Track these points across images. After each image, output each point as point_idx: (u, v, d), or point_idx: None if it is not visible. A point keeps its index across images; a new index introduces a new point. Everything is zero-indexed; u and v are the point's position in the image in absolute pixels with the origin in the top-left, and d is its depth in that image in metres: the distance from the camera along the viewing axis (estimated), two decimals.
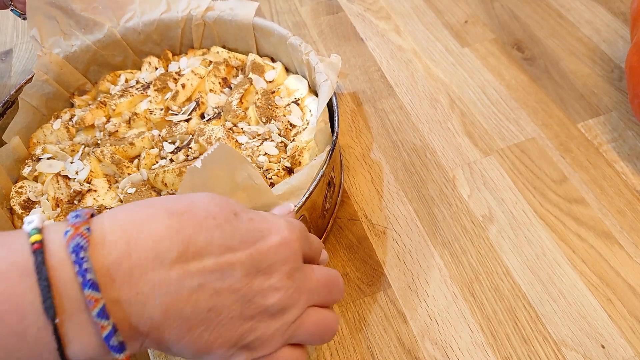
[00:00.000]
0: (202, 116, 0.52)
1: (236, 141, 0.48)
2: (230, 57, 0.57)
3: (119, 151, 0.49)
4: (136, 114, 0.53)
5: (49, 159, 0.51)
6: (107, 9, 0.57)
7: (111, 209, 0.27)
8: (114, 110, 0.53)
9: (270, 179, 0.45)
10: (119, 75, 0.58)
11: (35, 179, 0.50)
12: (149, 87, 0.55)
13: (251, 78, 0.53)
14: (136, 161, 0.50)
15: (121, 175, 0.48)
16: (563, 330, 0.41)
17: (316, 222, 0.45)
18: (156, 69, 0.58)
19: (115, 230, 0.25)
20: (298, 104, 0.51)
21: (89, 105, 0.56)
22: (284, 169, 0.46)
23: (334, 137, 0.44)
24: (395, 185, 0.52)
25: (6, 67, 0.72)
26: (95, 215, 0.26)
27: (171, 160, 0.48)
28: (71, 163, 0.50)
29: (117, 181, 0.49)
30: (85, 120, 0.53)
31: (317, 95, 0.50)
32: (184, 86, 0.53)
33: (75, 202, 0.47)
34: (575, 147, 0.52)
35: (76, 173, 0.48)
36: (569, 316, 0.41)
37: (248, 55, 0.56)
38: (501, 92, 0.58)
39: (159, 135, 0.51)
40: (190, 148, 0.49)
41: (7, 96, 0.53)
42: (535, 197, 0.49)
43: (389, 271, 0.46)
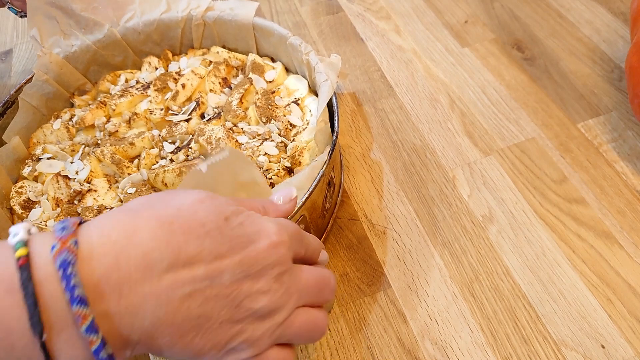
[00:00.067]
0: (202, 116, 0.52)
1: (236, 141, 0.48)
2: (230, 57, 0.57)
3: (119, 151, 0.49)
4: (136, 114, 0.53)
5: (49, 159, 0.51)
6: (107, 9, 0.57)
7: (101, 215, 0.27)
8: (114, 110, 0.53)
9: (270, 179, 0.45)
10: (119, 75, 0.58)
11: (35, 179, 0.50)
12: (149, 87, 0.55)
13: (251, 78, 0.53)
14: (136, 161, 0.50)
15: (121, 175, 0.48)
16: (563, 330, 0.41)
17: (316, 222, 0.45)
18: (156, 69, 0.58)
19: (103, 243, 0.25)
20: (298, 104, 0.51)
21: (89, 105, 0.56)
22: (284, 169, 0.46)
23: (334, 137, 0.44)
24: (395, 185, 0.52)
25: (6, 67, 0.72)
26: (82, 222, 0.26)
27: (171, 160, 0.48)
28: (71, 163, 0.50)
29: (117, 181, 0.49)
30: (85, 120, 0.53)
31: (317, 95, 0.50)
32: (184, 86, 0.53)
33: (75, 202, 0.47)
34: (575, 147, 0.52)
35: (76, 173, 0.48)
36: (569, 316, 0.41)
37: (248, 55, 0.56)
38: (501, 92, 0.58)
39: (159, 135, 0.51)
40: (191, 148, 0.49)
41: (7, 96, 0.53)
42: (535, 197, 0.49)
43: (389, 271, 0.46)
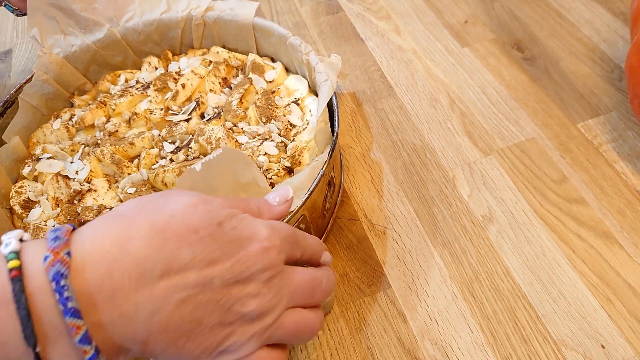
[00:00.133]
0: (202, 116, 0.52)
1: (236, 141, 0.48)
2: (230, 57, 0.57)
3: (119, 151, 0.49)
4: (136, 113, 0.53)
5: (48, 158, 0.51)
6: (107, 9, 0.57)
7: (94, 221, 0.27)
8: (114, 110, 0.53)
9: (270, 179, 0.45)
10: (119, 75, 0.58)
11: (35, 179, 0.50)
12: (149, 87, 0.55)
13: (251, 78, 0.53)
14: (136, 161, 0.50)
15: (121, 175, 0.48)
16: (563, 330, 0.41)
17: (316, 222, 0.45)
18: (156, 69, 0.58)
19: (96, 252, 0.25)
20: (298, 104, 0.51)
21: (89, 105, 0.56)
22: (284, 169, 0.46)
23: (334, 137, 0.44)
24: (395, 185, 0.52)
25: (6, 67, 0.72)
26: (75, 228, 0.26)
27: (171, 160, 0.48)
28: (71, 163, 0.50)
29: (117, 181, 0.49)
30: (85, 120, 0.53)
31: (317, 95, 0.50)
32: (184, 86, 0.53)
33: (75, 201, 0.47)
34: (575, 147, 0.52)
35: (76, 173, 0.48)
36: (569, 316, 0.41)
37: (248, 55, 0.56)
38: (501, 92, 0.58)
39: (159, 135, 0.51)
40: (190, 148, 0.49)
41: (7, 96, 0.53)
42: (535, 197, 0.49)
43: (388, 271, 0.46)
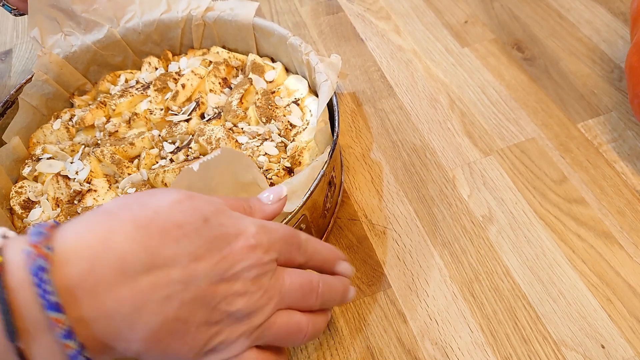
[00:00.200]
0: (202, 116, 0.52)
1: (236, 141, 0.48)
2: (230, 57, 0.57)
3: (119, 151, 0.49)
4: (136, 114, 0.53)
5: (49, 159, 0.51)
6: (108, 10, 0.57)
7: (79, 217, 0.27)
8: (114, 110, 0.53)
9: (270, 179, 0.45)
10: (119, 76, 0.58)
11: (35, 179, 0.50)
12: (149, 87, 0.55)
13: (251, 78, 0.53)
14: (136, 161, 0.50)
15: (121, 175, 0.48)
16: (563, 330, 0.41)
17: (317, 221, 0.45)
18: (156, 69, 0.58)
19: (78, 247, 0.24)
20: (298, 104, 0.52)
21: (89, 105, 0.56)
22: (284, 169, 0.46)
23: (334, 137, 0.44)
24: (395, 185, 0.52)
25: (6, 67, 0.72)
26: (59, 225, 0.26)
27: (171, 160, 0.48)
28: (71, 163, 0.50)
29: (117, 181, 0.49)
30: (85, 120, 0.53)
31: (317, 96, 0.50)
32: (184, 86, 0.53)
33: (75, 202, 0.47)
34: (575, 147, 0.52)
35: (76, 173, 0.48)
36: (569, 316, 0.41)
37: (248, 56, 0.56)
38: (501, 92, 0.58)
39: (159, 135, 0.51)
40: (190, 148, 0.49)
41: (7, 96, 0.53)
42: (535, 197, 0.49)
43: (388, 271, 0.46)
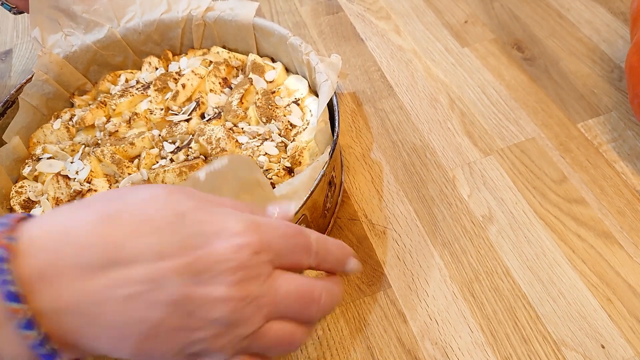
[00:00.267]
0: (202, 116, 0.52)
1: (236, 141, 0.48)
2: (230, 57, 0.57)
3: (119, 151, 0.49)
4: (136, 114, 0.53)
5: (49, 158, 0.51)
6: (108, 10, 0.57)
7: (51, 209, 0.26)
8: (114, 110, 0.53)
9: (270, 179, 0.45)
10: (119, 75, 0.58)
11: (36, 179, 0.50)
12: (149, 87, 0.55)
13: (251, 78, 0.53)
14: (136, 161, 0.50)
15: (121, 175, 0.48)
16: (563, 330, 0.41)
17: (317, 221, 0.45)
18: (156, 69, 0.58)
19: (42, 238, 0.24)
20: (298, 104, 0.52)
21: (89, 105, 0.56)
22: (284, 169, 0.46)
23: (334, 137, 0.44)
24: (395, 185, 0.52)
25: (6, 67, 0.72)
26: (28, 217, 0.25)
27: (171, 160, 0.48)
28: (71, 163, 0.50)
29: (117, 181, 0.49)
30: (86, 120, 0.53)
31: (317, 96, 0.50)
32: (184, 86, 0.53)
33: (76, 201, 0.47)
34: (575, 147, 0.52)
35: (76, 173, 0.48)
36: (569, 316, 0.41)
37: (248, 56, 0.56)
38: (501, 92, 0.58)
39: (159, 135, 0.51)
40: (191, 148, 0.49)
41: (7, 96, 0.53)
42: (535, 197, 0.49)
43: (389, 271, 0.46)
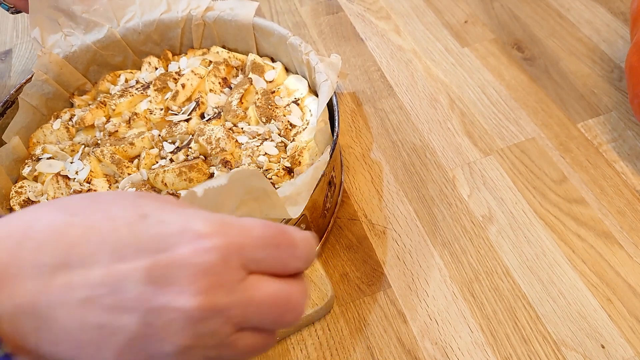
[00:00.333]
0: (202, 116, 0.52)
1: (236, 141, 0.48)
2: (230, 57, 0.57)
3: (119, 151, 0.49)
4: (136, 114, 0.53)
5: (48, 159, 0.51)
6: (108, 10, 0.57)
7: (19, 210, 0.26)
8: (113, 110, 0.53)
9: (270, 179, 0.45)
10: (119, 75, 0.58)
11: (35, 179, 0.50)
12: (149, 87, 0.55)
13: (251, 78, 0.53)
14: (136, 161, 0.50)
15: (121, 175, 0.48)
16: (563, 330, 0.41)
17: (317, 221, 0.45)
18: (156, 69, 0.58)
19: (3, 238, 0.23)
20: (298, 104, 0.52)
21: (89, 105, 0.56)
22: (283, 169, 0.46)
23: (334, 137, 0.44)
24: (395, 185, 0.52)
25: (6, 67, 0.72)
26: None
27: (171, 160, 0.48)
28: (71, 163, 0.50)
29: (117, 181, 0.49)
30: (85, 120, 0.53)
31: (317, 95, 0.50)
32: (183, 86, 0.53)
33: None
34: (575, 147, 0.52)
35: (76, 173, 0.48)
36: (569, 316, 0.41)
37: (248, 55, 0.56)
38: (501, 92, 0.58)
39: (159, 135, 0.51)
40: (190, 148, 0.49)
41: (7, 96, 0.53)
42: (535, 197, 0.49)
43: (388, 271, 0.46)
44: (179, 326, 0.22)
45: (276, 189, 0.40)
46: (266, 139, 0.48)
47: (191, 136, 0.50)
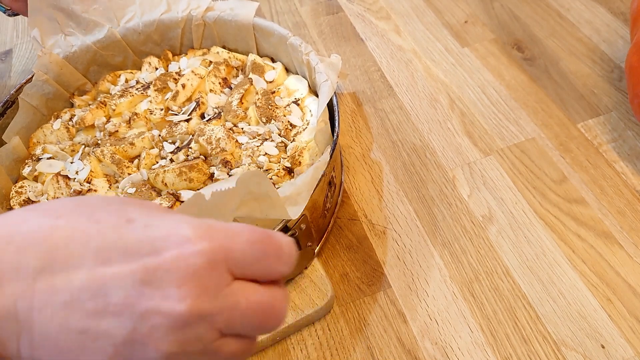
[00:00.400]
0: (202, 116, 0.52)
1: (236, 141, 0.48)
2: (230, 57, 0.57)
3: (119, 151, 0.49)
4: (136, 114, 0.53)
5: (49, 159, 0.51)
6: (108, 10, 0.57)
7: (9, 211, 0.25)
8: (114, 110, 0.53)
9: (270, 179, 0.45)
10: (119, 76, 0.58)
11: (35, 179, 0.50)
12: (149, 87, 0.55)
13: (251, 78, 0.53)
14: (136, 161, 0.50)
15: (121, 175, 0.48)
16: (563, 330, 0.41)
17: (317, 221, 0.45)
18: (156, 69, 0.58)
19: None
20: (298, 104, 0.52)
21: (89, 105, 0.56)
22: (284, 169, 0.46)
23: (334, 137, 0.44)
24: (395, 185, 0.52)
25: (6, 67, 0.72)
26: None
27: (171, 160, 0.48)
28: (71, 163, 0.50)
29: (117, 181, 0.49)
30: (85, 120, 0.53)
31: (317, 96, 0.50)
32: (184, 86, 0.53)
33: None
34: (575, 147, 0.52)
35: (76, 173, 0.48)
36: (569, 316, 0.41)
37: (248, 56, 0.56)
38: (501, 92, 0.58)
39: (159, 135, 0.51)
40: (191, 148, 0.49)
41: (7, 96, 0.53)
42: (535, 197, 0.49)
43: (389, 271, 0.46)
44: (164, 331, 0.22)
45: (276, 189, 0.40)
46: (266, 139, 0.48)
47: (191, 136, 0.50)
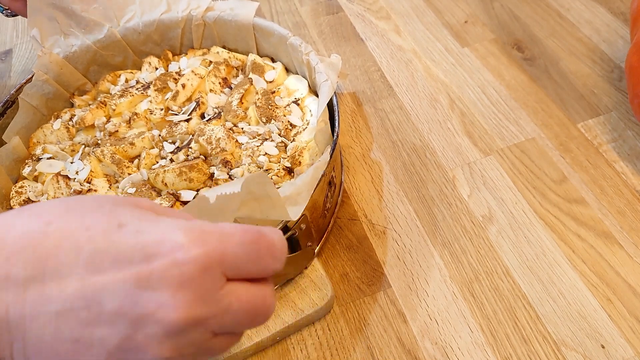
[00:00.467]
0: (202, 116, 0.52)
1: (236, 141, 0.48)
2: (230, 57, 0.57)
3: (119, 151, 0.49)
4: (136, 114, 0.53)
5: (49, 159, 0.51)
6: (108, 9, 0.57)
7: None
8: (114, 110, 0.53)
9: (270, 178, 0.45)
10: (119, 75, 0.58)
11: (35, 179, 0.50)
12: (149, 87, 0.55)
13: (251, 78, 0.53)
14: (136, 161, 0.50)
15: (121, 175, 0.48)
16: (563, 330, 0.41)
17: (317, 221, 0.45)
18: (156, 69, 0.58)
19: None
20: (298, 104, 0.52)
21: (89, 105, 0.56)
22: (284, 169, 0.46)
23: (334, 137, 0.44)
24: (395, 185, 0.52)
25: (6, 67, 0.72)
26: None
27: (171, 160, 0.48)
28: (71, 163, 0.50)
29: (117, 181, 0.49)
30: (86, 120, 0.53)
31: (317, 96, 0.50)
32: (184, 86, 0.53)
33: None
34: (575, 147, 0.52)
35: (76, 173, 0.48)
36: (569, 316, 0.41)
37: (248, 56, 0.56)
38: (501, 92, 0.58)
39: (159, 135, 0.51)
40: (191, 148, 0.49)
41: (7, 96, 0.53)
42: (535, 197, 0.49)
43: (389, 271, 0.46)
44: (159, 339, 0.22)
45: (276, 189, 0.40)
46: (266, 139, 0.48)
47: (191, 136, 0.50)
